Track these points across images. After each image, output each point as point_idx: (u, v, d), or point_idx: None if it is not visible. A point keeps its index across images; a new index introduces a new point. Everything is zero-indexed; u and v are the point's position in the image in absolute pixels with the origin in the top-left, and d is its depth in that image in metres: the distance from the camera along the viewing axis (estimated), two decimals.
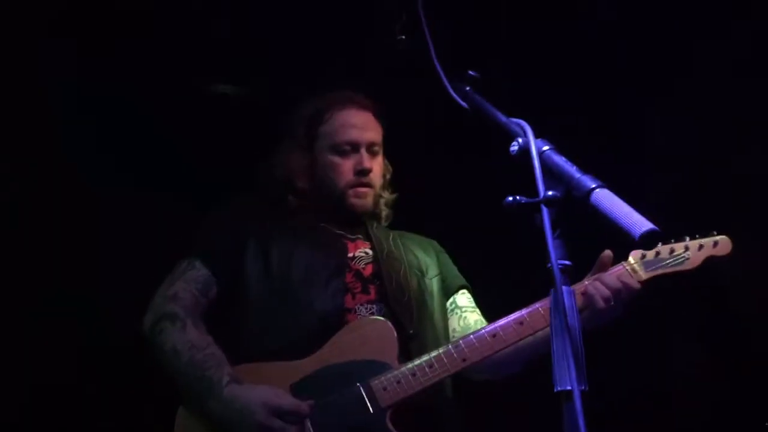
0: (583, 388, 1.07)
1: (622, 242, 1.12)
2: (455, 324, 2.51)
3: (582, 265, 2.13)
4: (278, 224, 2.43)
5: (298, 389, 2.15)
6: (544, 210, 1.15)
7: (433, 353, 2.24)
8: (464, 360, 2.21)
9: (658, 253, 2.32)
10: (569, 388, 1.07)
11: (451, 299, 2.55)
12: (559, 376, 1.10)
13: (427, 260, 2.57)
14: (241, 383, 2.12)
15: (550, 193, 1.15)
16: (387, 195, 2.57)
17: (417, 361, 2.22)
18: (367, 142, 2.46)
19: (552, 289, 1.13)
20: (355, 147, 2.45)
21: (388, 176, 2.56)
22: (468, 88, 1.46)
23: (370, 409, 2.15)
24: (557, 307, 1.10)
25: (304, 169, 2.47)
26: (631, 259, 2.30)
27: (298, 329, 2.24)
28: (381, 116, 2.52)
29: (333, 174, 2.44)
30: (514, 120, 1.30)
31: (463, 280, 2.60)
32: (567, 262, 1.15)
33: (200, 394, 2.12)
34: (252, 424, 2.05)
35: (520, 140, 1.23)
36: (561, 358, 1.09)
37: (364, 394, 2.16)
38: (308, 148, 2.48)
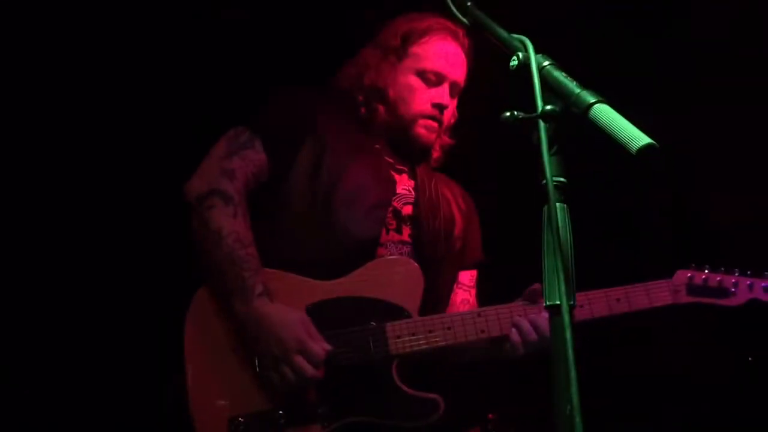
0: (571, 303, 1.06)
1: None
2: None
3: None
4: (337, 131, 2.36)
5: (313, 311, 2.15)
6: (541, 125, 1.13)
7: (454, 315, 2.24)
8: (482, 332, 2.20)
9: (706, 280, 2.28)
10: (558, 302, 1.05)
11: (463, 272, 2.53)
12: (549, 291, 1.09)
13: (459, 218, 2.54)
14: (272, 297, 2.10)
15: (548, 107, 1.12)
16: (446, 139, 2.51)
17: (435, 319, 2.21)
18: (453, 79, 2.41)
19: (545, 205, 1.11)
20: (440, 79, 2.39)
21: (453, 121, 2.50)
22: (469, 3, 1.43)
23: (379, 352, 2.15)
24: (550, 224, 1.08)
25: (381, 78, 2.39)
26: (677, 279, 2.28)
27: (329, 249, 2.22)
28: (469, 59, 2.46)
29: (410, 97, 2.37)
30: (515, 35, 1.27)
31: (481, 256, 2.57)
32: (562, 179, 1.13)
33: (231, 291, 2.10)
34: (275, 350, 2.05)
35: (520, 54, 1.20)
36: (552, 274, 1.08)
37: (377, 335, 2.16)
38: (393, 62, 2.40)
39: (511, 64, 1.20)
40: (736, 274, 2.32)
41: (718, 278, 2.30)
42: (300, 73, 2.96)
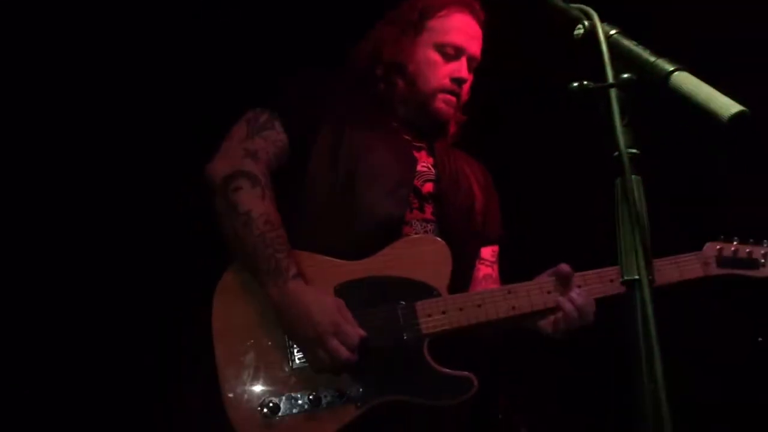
0: (650, 277, 1.04)
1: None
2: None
3: None
4: (355, 111, 2.34)
5: (342, 291, 2.13)
6: (613, 95, 1.10)
7: (485, 293, 2.22)
8: (513, 309, 2.18)
9: (735, 252, 2.28)
10: (637, 277, 1.03)
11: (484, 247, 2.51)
12: (626, 265, 1.06)
13: (480, 193, 2.52)
14: (305, 280, 2.07)
15: (626, 75, 1.09)
16: (460, 115, 2.49)
17: (465, 296, 2.20)
18: (471, 53, 2.39)
19: (619, 178, 1.08)
20: (459, 53, 2.37)
21: (467, 98, 2.47)
22: None
23: (410, 332, 2.12)
24: (625, 196, 1.05)
25: (400, 52, 2.36)
26: (707, 251, 2.27)
27: (354, 230, 2.19)
28: (484, 33, 2.43)
29: (429, 72, 2.35)
30: (575, 5, 1.23)
31: (500, 231, 2.55)
32: (635, 151, 1.10)
33: (264, 273, 2.07)
34: (310, 333, 2.02)
35: (586, 23, 1.16)
36: (629, 248, 1.05)
37: (407, 315, 2.13)
38: (411, 37, 2.38)
39: (576, 32, 1.16)
40: (765, 245, 2.31)
41: (748, 249, 2.29)
42: (314, 53, 2.91)
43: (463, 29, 2.39)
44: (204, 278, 2.20)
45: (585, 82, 1.12)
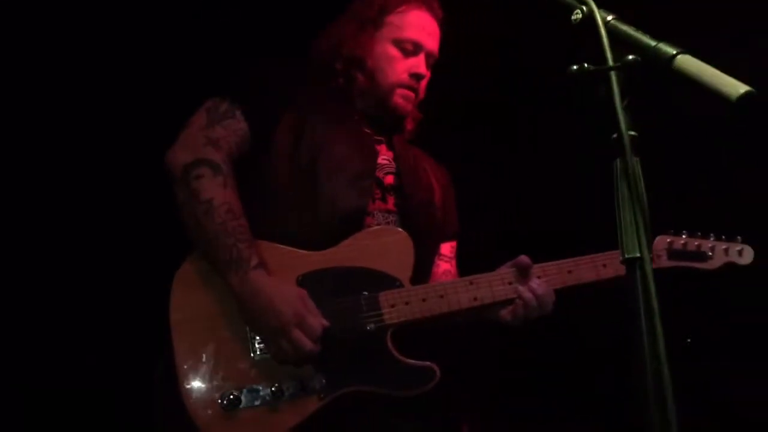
0: (651, 254, 1.06)
1: None
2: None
3: None
4: (315, 102, 2.33)
5: (304, 281, 2.10)
6: (613, 78, 1.12)
7: (447, 284, 2.23)
8: (475, 300, 2.20)
9: (684, 245, 2.35)
10: (638, 255, 1.05)
11: (443, 243, 2.54)
12: (627, 244, 1.08)
13: (438, 188, 2.54)
14: (267, 270, 2.04)
15: (630, 57, 1.11)
16: (416, 112, 2.51)
17: (428, 287, 2.21)
18: (430, 50, 2.41)
19: (618, 158, 1.10)
20: (417, 49, 2.38)
21: (423, 96, 2.49)
22: None
23: (373, 322, 2.11)
24: (625, 176, 1.08)
25: (359, 47, 2.37)
26: (657, 244, 2.34)
27: (316, 220, 2.17)
28: (442, 31, 2.46)
29: (387, 67, 2.36)
30: None
31: (457, 227, 2.58)
32: (634, 133, 1.13)
33: (225, 263, 2.02)
34: (273, 324, 1.99)
35: (584, 8, 1.18)
36: (629, 226, 1.07)
37: (370, 305, 2.13)
38: (370, 32, 2.39)
39: (574, 17, 1.18)
40: (712, 239, 2.40)
41: (697, 242, 2.38)
42: (275, 44, 2.88)
43: (421, 26, 2.41)
44: (163, 268, 2.13)
45: (585, 65, 1.14)
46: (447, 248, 2.56)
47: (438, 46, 2.46)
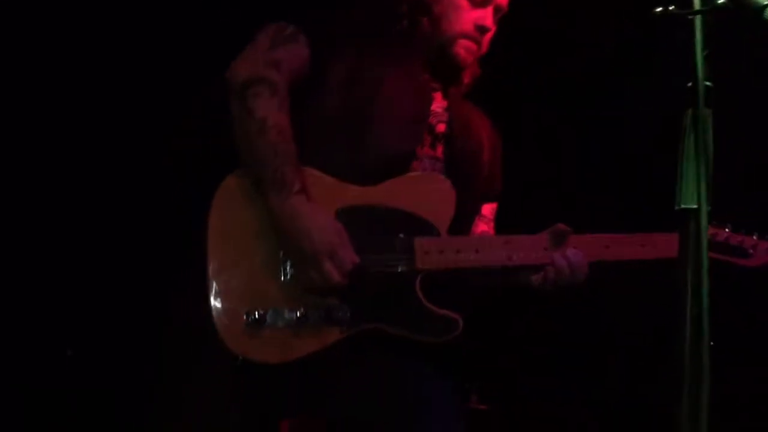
0: (709, 208, 1.03)
1: None
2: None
3: None
4: (377, 40, 2.31)
5: (343, 214, 2.09)
6: (698, 23, 1.08)
7: (483, 239, 2.22)
8: (509, 259, 2.18)
9: (727, 239, 2.32)
10: (695, 206, 1.02)
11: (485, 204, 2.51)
12: (686, 194, 1.05)
13: (487, 147, 2.50)
14: (309, 197, 2.04)
15: (719, 1, 1.07)
16: (476, 68, 2.47)
17: (464, 239, 2.19)
18: (499, 4, 2.37)
19: (690, 108, 1.07)
20: (486, 1, 2.34)
21: (486, 49, 2.44)
22: None
23: (405, 264, 2.10)
24: (694, 126, 1.04)
25: None
26: None
27: (363, 158, 2.16)
28: None
29: (453, 16, 2.33)
30: None
31: (500, 189, 2.54)
32: (710, 83, 1.09)
33: (269, 183, 2.02)
34: (306, 251, 1.99)
35: None
36: (690, 177, 1.04)
37: (404, 248, 2.11)
38: None
39: None
40: (755, 237, 2.35)
41: (740, 239, 2.33)
42: None
43: None
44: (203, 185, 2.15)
45: (669, 8, 1.10)
46: (488, 209, 2.54)
47: (507, 2, 2.41)
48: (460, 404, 2.36)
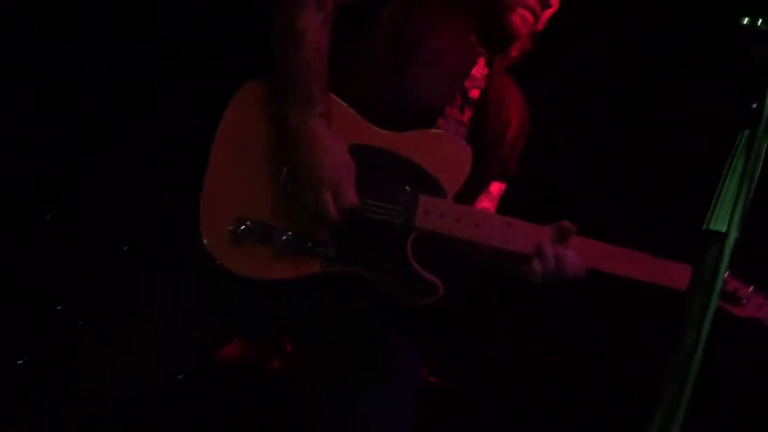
0: (737, 236, 0.98)
1: None
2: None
3: None
4: None
5: (356, 150, 2.03)
6: None
7: (485, 215, 2.16)
8: (506, 242, 2.12)
9: (725, 283, 2.24)
10: (722, 230, 0.97)
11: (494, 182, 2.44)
12: (717, 215, 1.00)
13: (516, 124, 2.42)
14: (330, 123, 1.98)
15: None
16: (528, 42, 2.39)
17: (467, 210, 2.14)
18: None
19: (748, 129, 1.01)
20: None
21: (541, 28, 2.36)
22: None
23: (403, 218, 2.05)
24: (747, 149, 0.98)
25: None
26: None
27: (393, 99, 2.10)
28: None
29: None
30: None
31: (514, 171, 2.47)
32: None
33: (295, 98, 1.97)
34: (310, 175, 1.94)
35: None
36: (728, 199, 0.99)
37: (408, 202, 2.06)
38: None
39: None
40: (752, 289, 2.30)
41: (736, 285, 2.28)
42: None
43: None
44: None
45: (760, 21, 1.03)
46: (495, 188, 2.47)
47: None
48: (417, 367, 2.32)
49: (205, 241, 1.96)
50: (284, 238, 1.99)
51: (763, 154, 1.00)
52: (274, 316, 2.07)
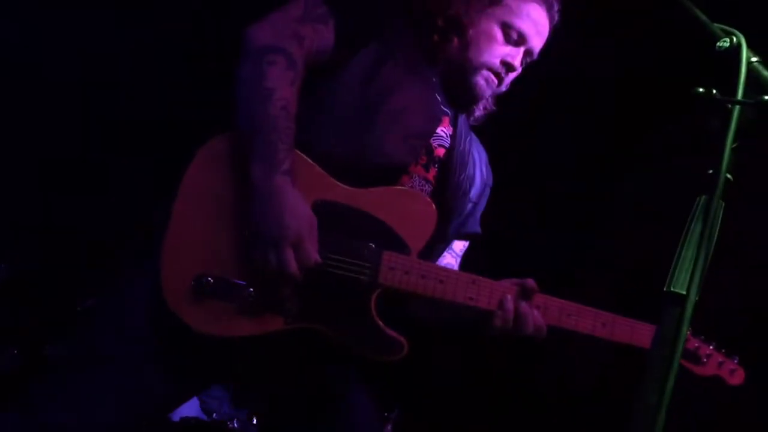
0: (697, 298, 1.00)
1: None
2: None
3: None
4: (403, 46, 2.28)
5: (320, 207, 2.04)
6: (735, 113, 1.06)
7: (450, 272, 2.17)
8: (471, 299, 2.13)
9: (686, 341, 2.28)
10: (683, 292, 0.99)
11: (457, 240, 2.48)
12: (678, 278, 1.02)
13: (479, 182, 2.47)
14: (295, 180, 1.98)
15: (766, 97, 1.05)
16: (491, 103, 2.46)
17: (432, 266, 2.15)
18: (531, 47, 2.36)
19: (704, 195, 1.04)
20: (520, 41, 2.33)
21: (506, 89, 2.43)
22: None
23: (368, 275, 2.05)
24: (705, 215, 1.01)
25: (468, 14, 2.31)
26: None
27: (357, 157, 2.12)
28: (549, 37, 2.40)
29: (485, 45, 2.31)
30: (721, 25, 1.20)
31: (478, 230, 2.50)
32: (731, 177, 1.06)
33: (259, 155, 1.96)
34: (273, 232, 1.92)
35: (734, 38, 1.12)
36: (687, 262, 1.01)
37: (372, 258, 2.06)
38: (484, 4, 2.33)
39: (721, 44, 1.12)
40: (712, 347, 2.34)
41: (696, 344, 2.32)
42: None
43: (535, 21, 2.36)
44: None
45: (713, 91, 1.08)
46: (459, 245, 2.50)
47: (539, 49, 2.40)
48: (380, 424, 2.30)
49: (165, 296, 1.93)
50: (247, 294, 1.97)
51: (720, 218, 1.04)
52: (234, 375, 2.04)
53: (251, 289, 1.97)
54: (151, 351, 1.98)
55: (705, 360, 2.31)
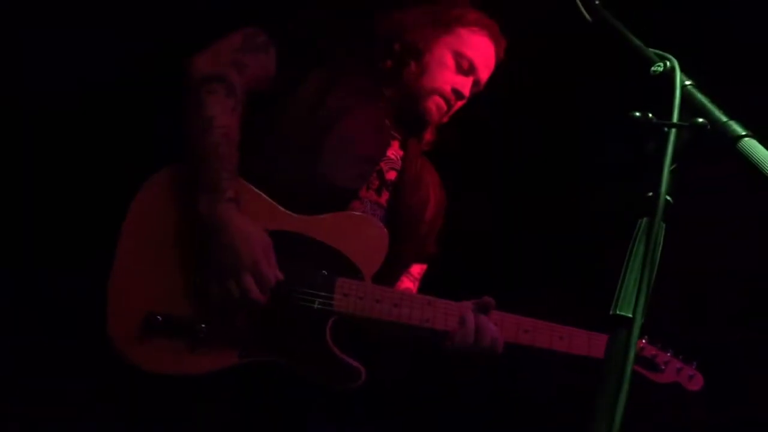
0: (642, 320, 1.01)
1: None
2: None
3: None
4: (349, 72, 2.29)
5: (271, 237, 2.01)
6: (672, 136, 1.08)
7: (405, 295, 2.16)
8: (426, 321, 2.12)
9: (642, 349, 2.32)
10: (630, 315, 1.00)
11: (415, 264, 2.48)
12: (623, 301, 1.03)
13: (433, 205, 2.48)
14: (239, 206, 1.96)
15: (699, 120, 1.08)
16: (434, 130, 2.49)
17: (386, 290, 2.14)
18: (479, 78, 2.42)
19: (646, 218, 1.06)
20: (470, 71, 2.38)
21: (451, 114, 2.47)
22: (597, 2, 1.37)
23: (321, 303, 2.04)
24: (646, 237, 1.03)
25: (424, 40, 2.35)
26: None
27: (306, 184, 2.11)
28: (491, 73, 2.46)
29: (437, 71, 2.35)
30: (654, 50, 1.23)
31: (434, 252, 2.51)
32: (671, 199, 1.08)
33: (203, 184, 1.94)
34: (228, 261, 1.91)
35: (667, 63, 1.15)
36: (632, 285, 1.03)
37: (325, 285, 2.05)
38: (439, 32, 2.37)
39: (655, 69, 1.15)
40: (669, 354, 2.37)
41: (654, 352, 2.34)
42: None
43: (483, 53, 2.42)
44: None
45: (649, 114, 1.10)
46: (417, 269, 2.50)
47: (485, 82, 2.46)
48: None
49: (111, 336, 1.88)
50: (199, 329, 1.93)
51: (662, 240, 1.05)
52: (186, 417, 1.99)
53: (203, 325, 1.94)
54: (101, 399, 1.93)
55: (663, 367, 2.33)
